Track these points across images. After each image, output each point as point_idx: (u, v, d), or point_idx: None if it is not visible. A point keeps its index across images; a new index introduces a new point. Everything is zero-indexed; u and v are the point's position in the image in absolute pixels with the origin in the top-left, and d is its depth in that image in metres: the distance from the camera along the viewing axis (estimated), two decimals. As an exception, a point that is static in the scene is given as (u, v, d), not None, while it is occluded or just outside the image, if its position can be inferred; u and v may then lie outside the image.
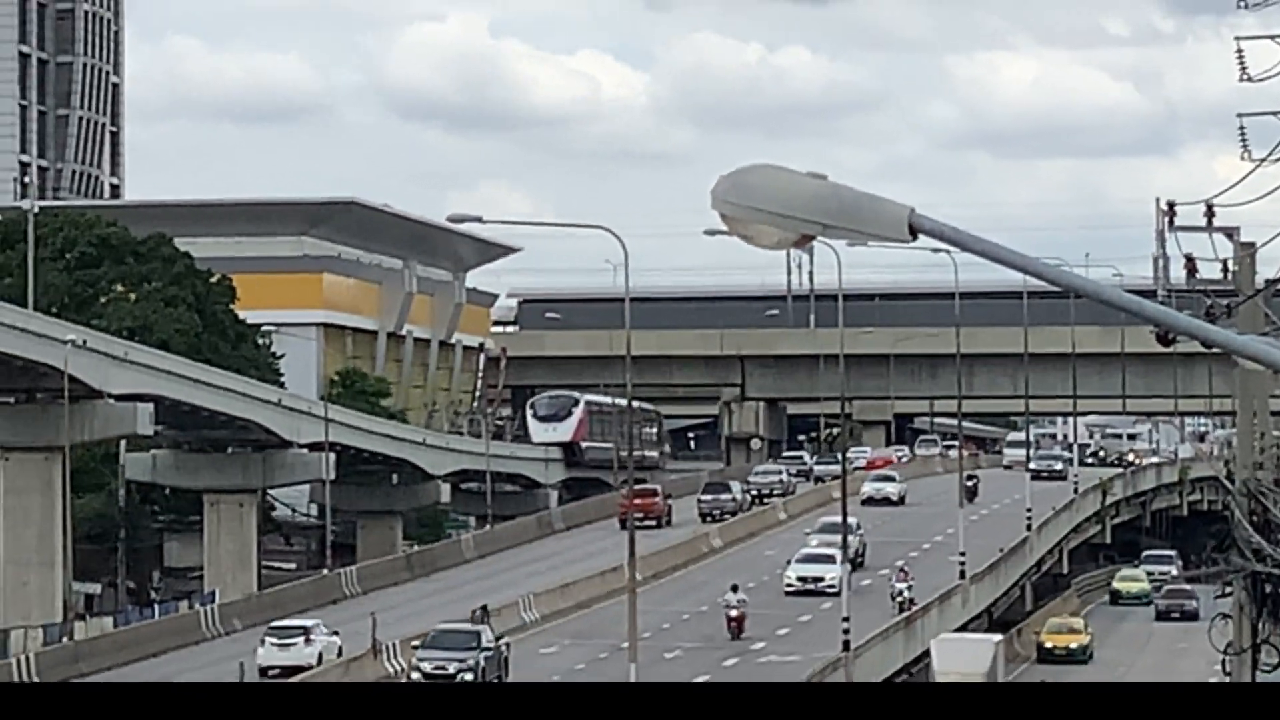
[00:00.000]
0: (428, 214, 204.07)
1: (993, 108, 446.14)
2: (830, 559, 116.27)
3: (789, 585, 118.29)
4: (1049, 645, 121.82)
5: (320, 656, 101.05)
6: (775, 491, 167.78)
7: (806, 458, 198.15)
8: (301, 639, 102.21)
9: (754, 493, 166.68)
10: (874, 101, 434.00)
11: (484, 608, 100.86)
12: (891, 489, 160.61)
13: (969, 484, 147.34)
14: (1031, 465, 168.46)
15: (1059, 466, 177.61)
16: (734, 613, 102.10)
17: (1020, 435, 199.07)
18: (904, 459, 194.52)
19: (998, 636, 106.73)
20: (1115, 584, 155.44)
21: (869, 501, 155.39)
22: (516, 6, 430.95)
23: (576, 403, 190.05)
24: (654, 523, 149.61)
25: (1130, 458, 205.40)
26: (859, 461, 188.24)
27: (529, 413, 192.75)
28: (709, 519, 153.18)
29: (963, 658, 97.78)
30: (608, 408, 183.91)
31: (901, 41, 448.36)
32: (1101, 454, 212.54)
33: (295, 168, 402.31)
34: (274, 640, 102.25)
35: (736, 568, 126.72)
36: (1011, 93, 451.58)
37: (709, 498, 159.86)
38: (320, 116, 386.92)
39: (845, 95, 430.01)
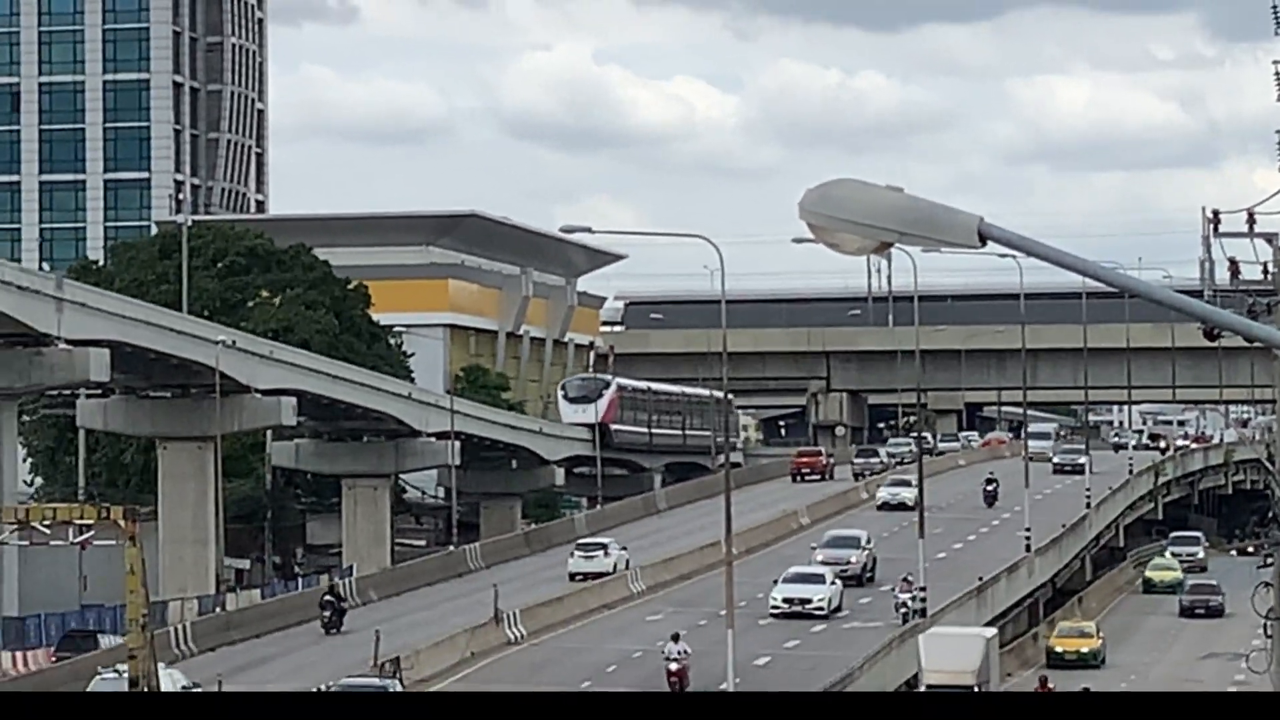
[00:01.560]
0: (541, 225, 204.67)
1: (1051, 126, 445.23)
2: (819, 578, 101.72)
3: (774, 608, 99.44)
4: (1059, 650, 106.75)
5: (615, 566, 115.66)
6: (875, 471, 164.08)
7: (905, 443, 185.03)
8: (601, 552, 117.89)
9: (857, 473, 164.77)
10: (943, 121, 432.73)
11: (396, 660, 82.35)
12: (908, 494, 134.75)
13: (989, 488, 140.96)
14: (1055, 459, 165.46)
15: (1080, 460, 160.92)
16: (674, 666, 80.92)
17: (1044, 427, 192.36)
18: (975, 444, 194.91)
19: (990, 631, 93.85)
20: (1148, 573, 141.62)
21: (884, 507, 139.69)
22: (617, 37, 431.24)
23: (608, 385, 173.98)
24: (818, 476, 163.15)
25: (1161, 443, 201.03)
26: (975, 442, 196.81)
27: (560, 394, 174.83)
28: (859, 477, 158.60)
29: (952, 654, 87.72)
30: (643, 392, 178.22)
31: (967, 67, 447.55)
32: (1145, 440, 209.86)
33: (421, 184, 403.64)
34: (580, 554, 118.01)
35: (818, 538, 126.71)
36: (1068, 112, 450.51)
37: (860, 461, 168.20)
38: (443, 138, 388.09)
39: (917, 116, 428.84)
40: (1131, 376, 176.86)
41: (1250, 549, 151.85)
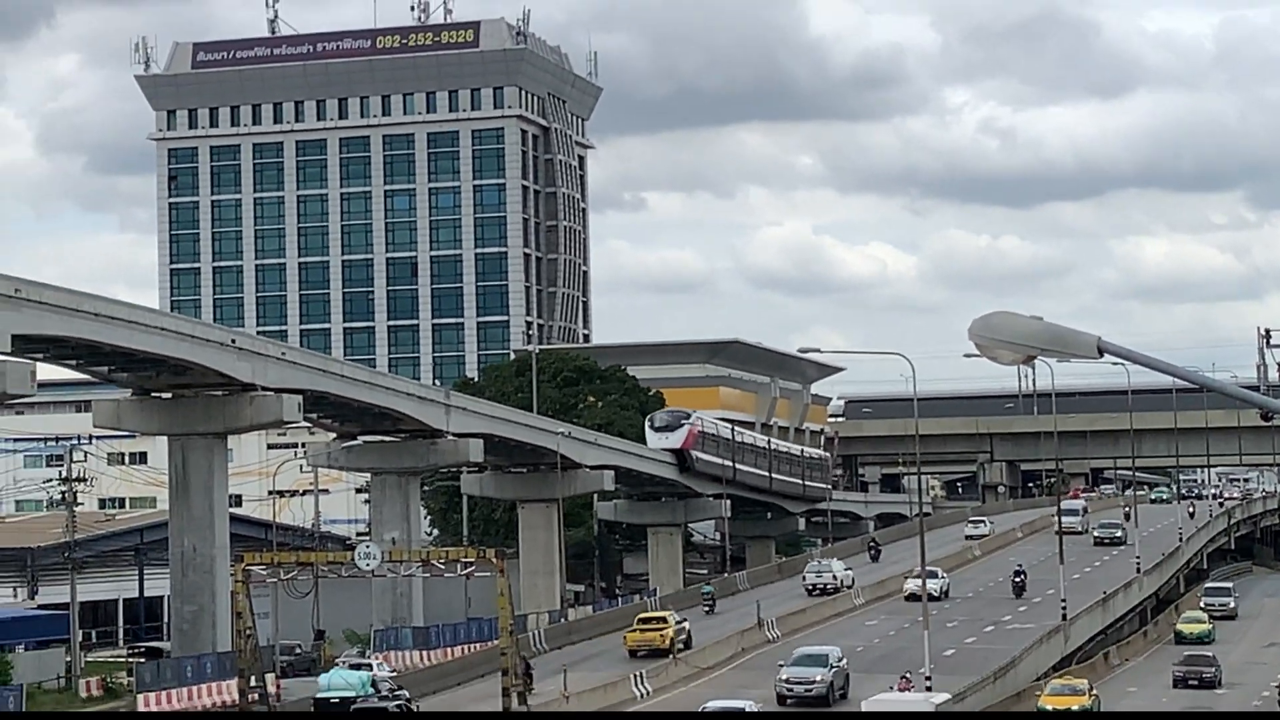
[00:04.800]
0: (782, 348, 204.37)
1: (1140, 272, 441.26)
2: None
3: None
4: (1049, 708, 73.21)
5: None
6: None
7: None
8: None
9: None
10: (1063, 270, 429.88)
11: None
12: (933, 585, 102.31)
13: (1017, 579, 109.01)
14: (1095, 532, 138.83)
15: (1119, 534, 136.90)
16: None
17: (1074, 504, 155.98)
18: (1093, 497, 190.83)
19: (941, 697, 67.34)
20: (1179, 625, 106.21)
21: (912, 598, 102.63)
22: (829, 215, 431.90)
23: (687, 416, 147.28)
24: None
25: (1196, 492, 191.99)
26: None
27: (647, 425, 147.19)
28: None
29: None
30: (723, 431, 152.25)
31: (1079, 231, 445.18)
32: (1195, 492, 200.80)
33: (695, 321, 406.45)
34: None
35: (991, 568, 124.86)
36: (1152, 262, 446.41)
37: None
38: (707, 288, 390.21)
39: (1044, 266, 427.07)
40: (1209, 448, 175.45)
41: None
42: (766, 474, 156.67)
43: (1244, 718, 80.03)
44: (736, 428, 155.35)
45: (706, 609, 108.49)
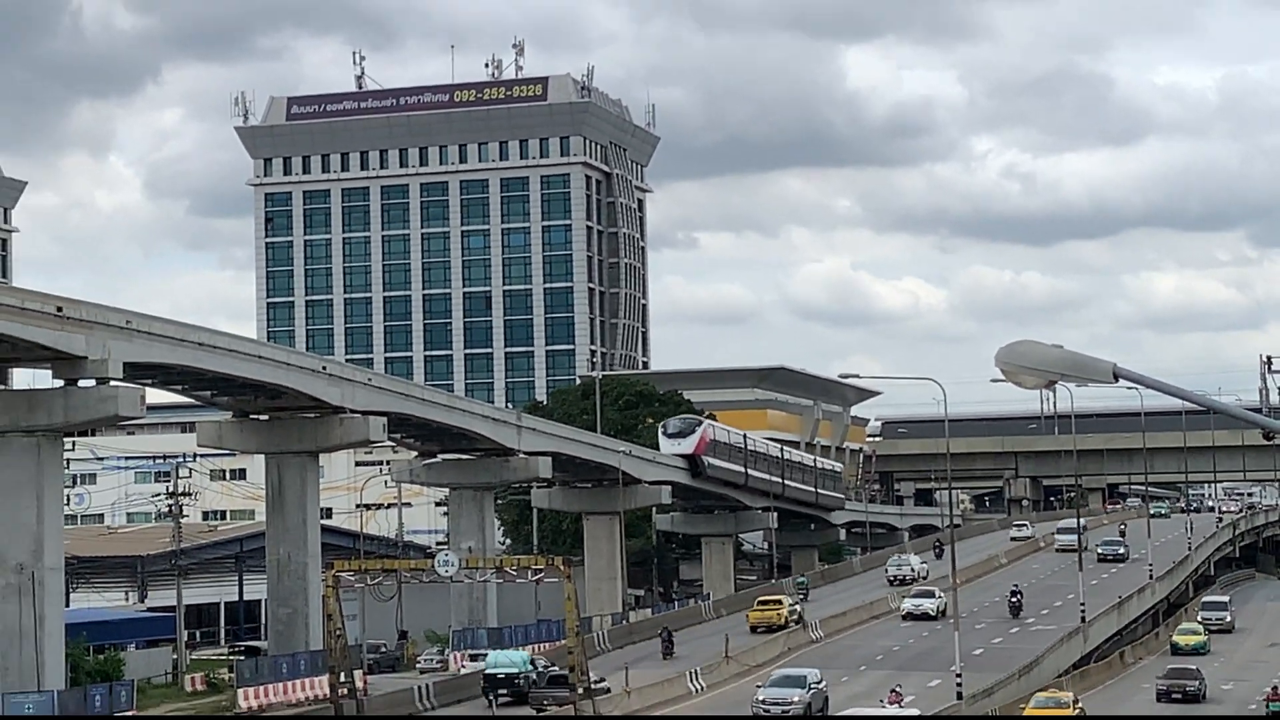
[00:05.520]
0: (824, 373, 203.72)
1: (1152, 304, 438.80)
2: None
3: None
4: None
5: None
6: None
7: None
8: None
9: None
10: (1080, 303, 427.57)
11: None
12: (930, 604, 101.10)
13: (1013, 599, 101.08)
14: (1099, 550, 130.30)
15: (1121, 551, 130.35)
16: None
17: (1070, 523, 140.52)
18: (1115, 508, 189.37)
19: (913, 712, 63.28)
20: (1175, 636, 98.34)
21: (909, 617, 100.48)
22: (865, 253, 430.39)
23: (700, 424, 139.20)
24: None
25: (1193, 505, 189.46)
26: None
27: (660, 431, 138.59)
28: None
29: None
30: (735, 439, 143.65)
31: (1095, 267, 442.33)
32: (1194, 506, 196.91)
33: (744, 349, 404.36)
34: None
35: (1015, 574, 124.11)
36: (1163, 295, 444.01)
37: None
38: (755, 320, 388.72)
39: (1063, 299, 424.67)
40: (1216, 464, 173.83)
41: None
42: (780, 481, 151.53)
43: None
44: (749, 434, 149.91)
45: (801, 598, 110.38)
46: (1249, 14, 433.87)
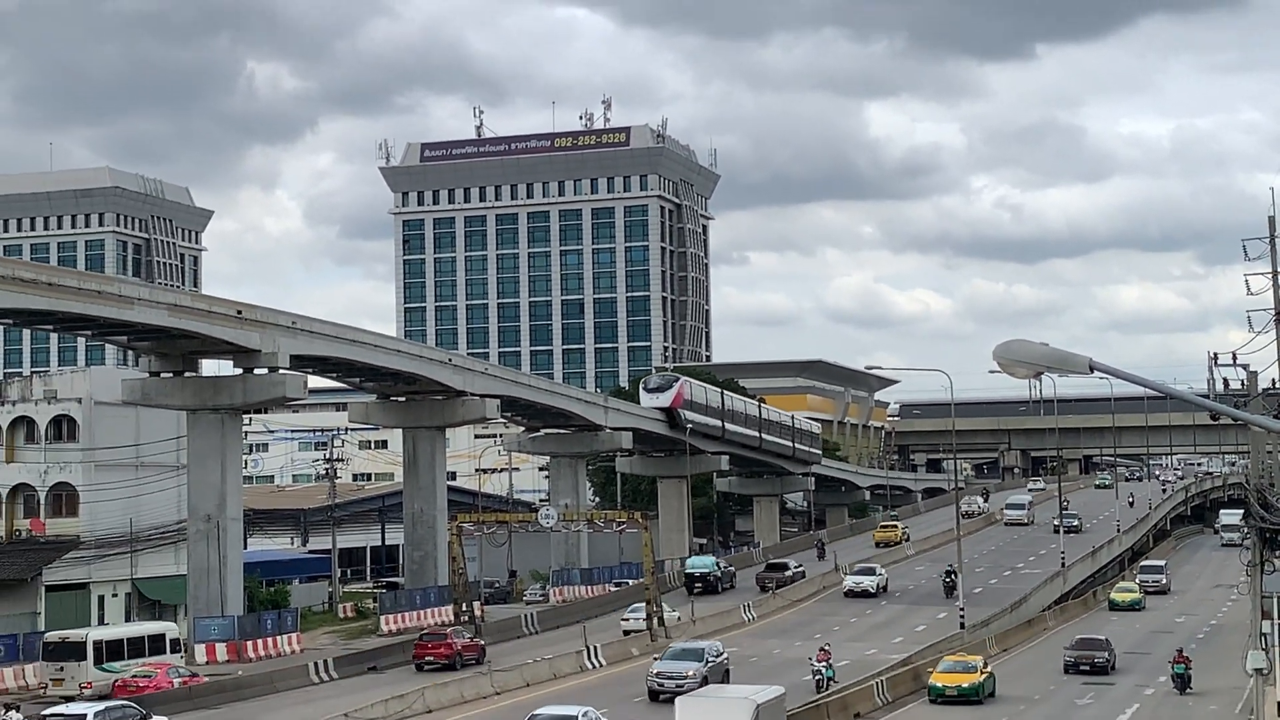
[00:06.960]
0: (853, 365, 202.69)
1: (1118, 311, 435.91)
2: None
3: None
4: (940, 685, 52.77)
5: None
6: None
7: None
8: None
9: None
10: (1059, 310, 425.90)
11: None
12: (870, 582, 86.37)
13: (947, 579, 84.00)
14: (1056, 522, 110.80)
15: (1075, 523, 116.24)
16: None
17: (1019, 498, 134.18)
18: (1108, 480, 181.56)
19: (772, 692, 41.59)
20: (1112, 594, 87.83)
21: (850, 594, 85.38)
22: (886, 269, 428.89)
23: (677, 380, 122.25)
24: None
25: (1138, 475, 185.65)
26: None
27: (641, 387, 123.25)
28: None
29: None
30: (713, 396, 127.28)
31: (1072, 280, 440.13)
32: (1136, 475, 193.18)
33: (788, 346, 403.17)
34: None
35: (1014, 539, 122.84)
36: (1128, 304, 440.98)
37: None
38: (795, 323, 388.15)
39: (1046, 307, 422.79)
40: (1172, 440, 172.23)
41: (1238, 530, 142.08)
42: (756, 434, 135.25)
43: None
44: (727, 393, 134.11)
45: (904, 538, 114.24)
46: (1198, 77, 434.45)
